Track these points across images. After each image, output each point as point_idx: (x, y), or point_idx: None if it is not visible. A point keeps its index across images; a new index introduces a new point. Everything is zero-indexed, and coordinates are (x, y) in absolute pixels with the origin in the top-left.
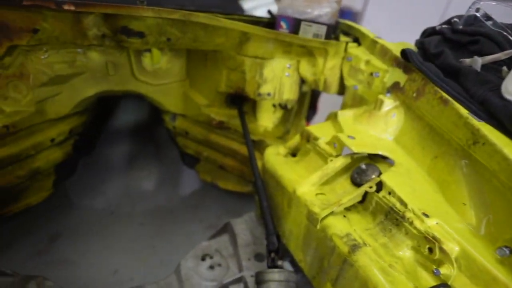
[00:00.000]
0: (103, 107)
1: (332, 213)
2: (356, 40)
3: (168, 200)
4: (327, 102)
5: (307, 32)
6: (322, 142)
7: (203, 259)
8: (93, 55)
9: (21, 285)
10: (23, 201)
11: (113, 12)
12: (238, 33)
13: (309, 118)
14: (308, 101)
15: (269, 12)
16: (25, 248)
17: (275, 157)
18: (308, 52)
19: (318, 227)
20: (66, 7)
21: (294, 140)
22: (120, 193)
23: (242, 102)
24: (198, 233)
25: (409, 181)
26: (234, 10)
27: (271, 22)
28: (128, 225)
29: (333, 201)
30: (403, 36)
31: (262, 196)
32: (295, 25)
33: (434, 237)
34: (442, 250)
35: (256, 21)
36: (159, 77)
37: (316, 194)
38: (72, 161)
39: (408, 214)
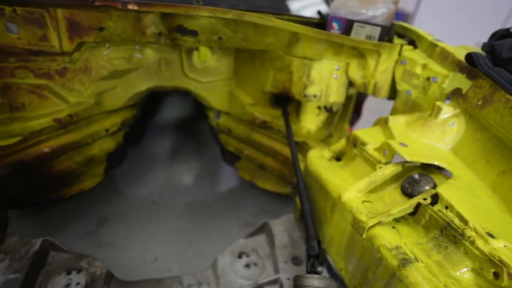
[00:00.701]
0: (151, 102)
1: (380, 222)
2: (412, 43)
3: (206, 195)
4: (370, 107)
5: (359, 34)
6: (370, 148)
7: (239, 256)
8: (148, 52)
9: (74, 262)
10: (78, 185)
11: (171, 11)
12: (288, 33)
13: (352, 122)
14: (353, 104)
15: (319, 12)
16: (78, 229)
17: (319, 160)
18: (359, 54)
19: (364, 236)
20: (130, 6)
21: (339, 144)
22: (162, 185)
23: (286, 102)
24: (234, 230)
25: (470, 197)
26: (283, 10)
27: (320, 23)
28: (168, 216)
29: (380, 210)
30: (458, 40)
31: (304, 199)
32: (347, 26)
33: (501, 261)
34: (511, 276)
35: (306, 21)
36: (207, 75)
37: (363, 202)
38: (122, 151)
39: (469, 232)
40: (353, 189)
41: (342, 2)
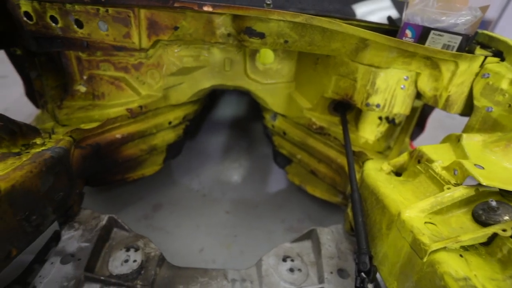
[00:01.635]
0: (209, 99)
1: (445, 248)
2: (499, 55)
3: (254, 194)
4: (432, 121)
5: (436, 43)
6: (438, 166)
7: (284, 260)
8: (215, 51)
9: (133, 241)
10: (140, 170)
11: (243, 14)
12: (356, 39)
13: (413, 137)
14: (416, 117)
15: (389, 18)
16: (136, 211)
17: (377, 173)
18: (432, 64)
19: (424, 259)
20: (205, 8)
21: (401, 158)
22: (212, 179)
23: (346, 110)
24: (278, 233)
25: None
26: (351, 15)
27: (390, 29)
28: (216, 210)
29: (445, 234)
30: None
31: (358, 211)
32: (422, 34)
33: None
34: None
35: (375, 27)
36: (269, 76)
37: (425, 223)
38: (180, 143)
39: None
40: (415, 207)
41: (419, 8)
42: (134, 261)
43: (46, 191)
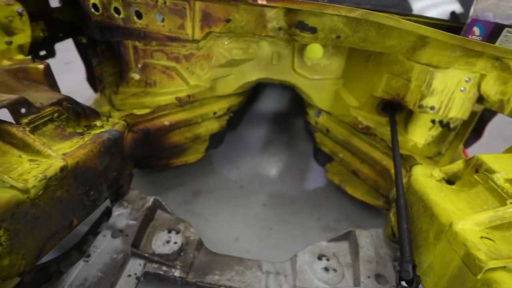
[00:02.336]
0: (253, 91)
1: (505, 267)
2: None
3: (291, 190)
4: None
5: (509, 41)
6: (500, 178)
7: (319, 258)
8: (264, 44)
9: (174, 224)
10: (183, 157)
11: (297, 7)
12: (414, 36)
13: (468, 144)
14: (474, 123)
15: (453, 14)
16: (176, 195)
17: (426, 179)
18: (501, 65)
19: (479, 277)
20: (259, 1)
21: (455, 165)
22: (251, 171)
23: (395, 110)
24: (314, 231)
25: None
26: (409, 10)
27: (453, 26)
28: (253, 201)
29: (505, 252)
30: None
31: (403, 217)
32: (493, 31)
33: None
34: None
35: (436, 24)
36: (316, 72)
37: (481, 237)
38: (222, 133)
39: None
40: (470, 220)
41: (492, 2)
42: (175, 242)
43: (103, 169)
